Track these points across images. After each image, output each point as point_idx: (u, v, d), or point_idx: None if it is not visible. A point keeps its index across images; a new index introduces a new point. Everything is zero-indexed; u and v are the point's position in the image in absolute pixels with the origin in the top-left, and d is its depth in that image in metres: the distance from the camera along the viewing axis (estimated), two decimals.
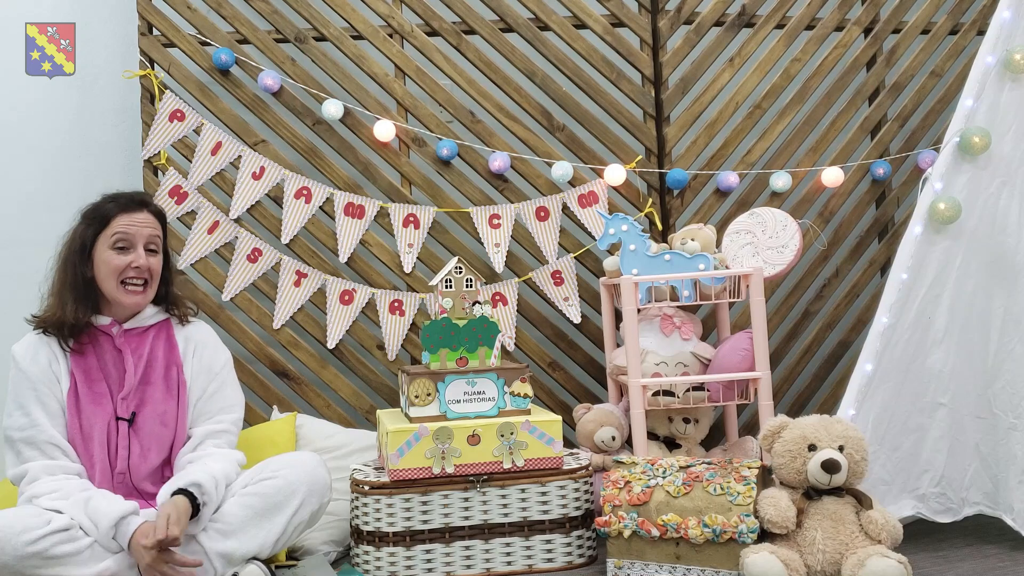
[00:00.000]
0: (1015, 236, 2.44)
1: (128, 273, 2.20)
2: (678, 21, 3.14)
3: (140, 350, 2.25)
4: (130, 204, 2.24)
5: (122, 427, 2.18)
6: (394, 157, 3.04)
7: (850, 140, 3.17)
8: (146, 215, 2.25)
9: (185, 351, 2.30)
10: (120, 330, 2.25)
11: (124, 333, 2.25)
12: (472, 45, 3.07)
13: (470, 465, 2.34)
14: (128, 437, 2.17)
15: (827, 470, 2.11)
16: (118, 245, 2.20)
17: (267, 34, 3.01)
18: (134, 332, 2.27)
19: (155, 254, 2.25)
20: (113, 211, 2.22)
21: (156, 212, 2.29)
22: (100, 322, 2.24)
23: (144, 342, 2.26)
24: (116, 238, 2.20)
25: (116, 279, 2.19)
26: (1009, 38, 2.46)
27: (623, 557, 2.22)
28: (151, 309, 2.30)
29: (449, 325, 2.42)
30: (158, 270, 2.27)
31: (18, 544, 1.94)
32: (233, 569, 2.10)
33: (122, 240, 2.20)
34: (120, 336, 2.24)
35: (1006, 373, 2.42)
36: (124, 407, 2.19)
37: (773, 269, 2.76)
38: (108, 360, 2.23)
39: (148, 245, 2.23)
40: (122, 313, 2.26)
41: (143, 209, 2.25)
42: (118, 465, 2.16)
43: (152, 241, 2.24)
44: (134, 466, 2.17)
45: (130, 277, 2.20)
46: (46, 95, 3.13)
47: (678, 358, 2.72)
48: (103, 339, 2.24)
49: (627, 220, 2.74)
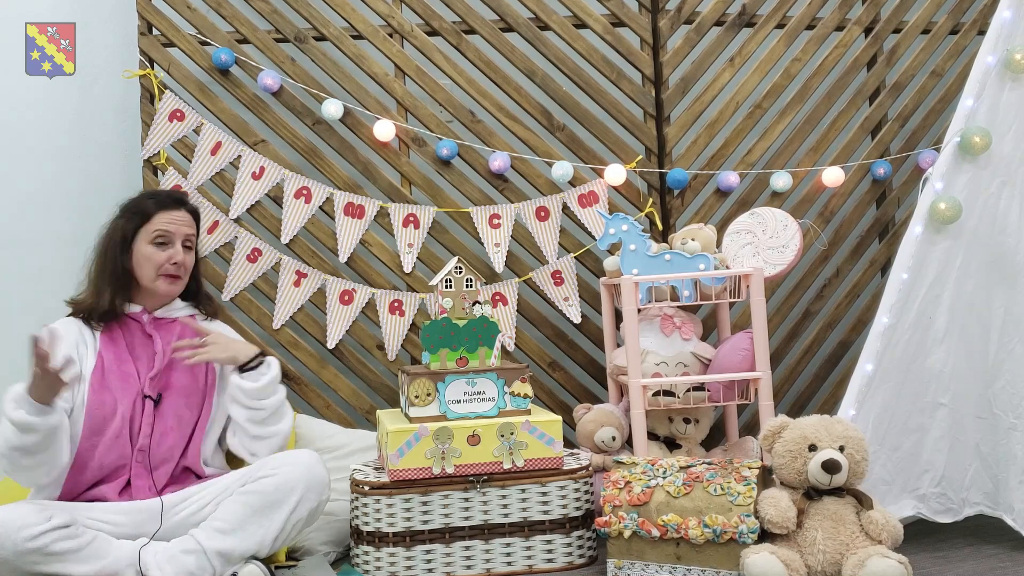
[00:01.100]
0: (1015, 236, 2.44)
1: (167, 268, 2.34)
2: (678, 21, 3.14)
3: (168, 337, 2.35)
4: (170, 202, 2.40)
5: (148, 406, 2.26)
6: (394, 157, 3.03)
7: (850, 140, 3.17)
8: (184, 213, 2.41)
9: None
10: (150, 317, 2.37)
11: (154, 320, 2.37)
12: (472, 45, 3.06)
13: (470, 465, 2.34)
14: (152, 415, 2.26)
15: (827, 470, 2.11)
16: (158, 240, 2.35)
17: (267, 34, 3.01)
18: (163, 321, 2.39)
19: (189, 251, 2.41)
20: (154, 208, 2.37)
21: (192, 211, 2.45)
22: (131, 310, 2.37)
23: (172, 331, 2.38)
24: (156, 234, 2.35)
25: (155, 272, 2.34)
26: (1009, 38, 2.46)
27: (623, 557, 2.22)
28: (180, 302, 2.44)
29: (449, 325, 2.42)
30: (191, 266, 2.42)
31: (18, 540, 1.95)
32: (232, 568, 2.10)
33: (162, 236, 2.35)
34: (150, 323, 2.37)
35: (1006, 373, 2.42)
36: (152, 387, 2.28)
37: (773, 269, 2.75)
38: (137, 344, 2.34)
39: (185, 242, 2.39)
40: (153, 303, 2.39)
41: (182, 208, 2.41)
42: (139, 442, 2.22)
43: (188, 239, 2.40)
44: (155, 444, 2.24)
45: (168, 271, 2.34)
46: (46, 95, 3.13)
47: (678, 358, 2.72)
48: (133, 325, 2.36)
49: (627, 220, 2.74)
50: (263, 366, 2.31)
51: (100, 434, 2.21)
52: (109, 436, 2.21)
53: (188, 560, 2.08)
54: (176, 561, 2.08)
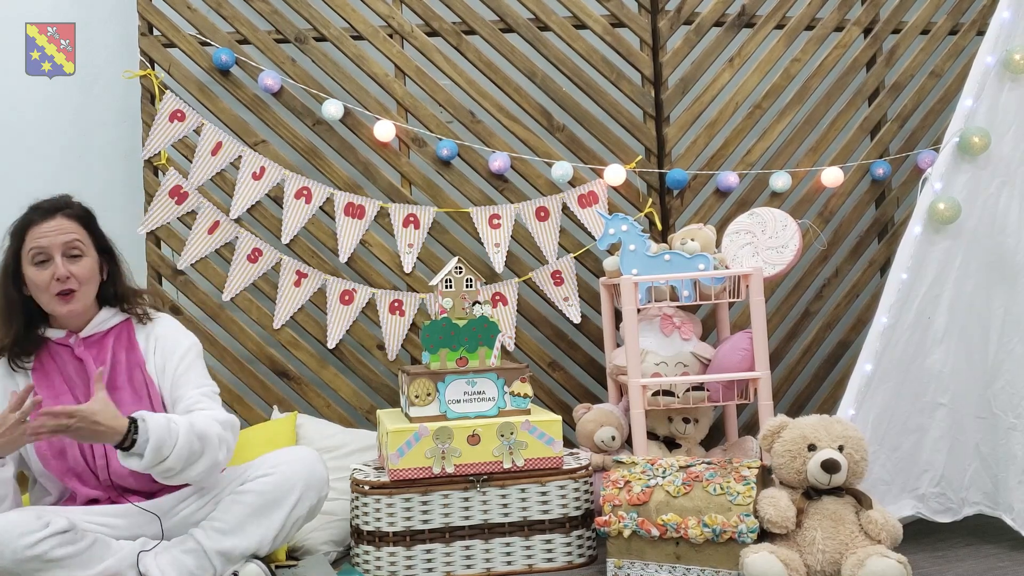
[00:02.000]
0: (1015, 236, 2.44)
1: (53, 287, 2.12)
2: (678, 21, 3.14)
3: (102, 356, 2.18)
4: (39, 215, 2.15)
5: None
6: (394, 157, 3.04)
7: (850, 140, 3.17)
8: (59, 220, 2.14)
9: (147, 349, 2.24)
10: (78, 339, 2.19)
11: (83, 342, 2.20)
12: (472, 45, 3.07)
13: (470, 465, 2.34)
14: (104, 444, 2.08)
15: (827, 470, 2.11)
16: (36, 260, 2.12)
17: (267, 34, 3.01)
18: (93, 339, 2.21)
19: (78, 259, 2.15)
20: (27, 224, 2.14)
21: (73, 215, 2.18)
22: (56, 336, 2.19)
23: (105, 348, 2.20)
24: (32, 253, 2.12)
25: (46, 293, 2.13)
26: (1009, 38, 2.46)
27: (623, 557, 2.22)
28: (106, 312, 2.23)
29: (449, 325, 2.42)
30: (85, 274, 2.16)
31: (17, 548, 1.92)
32: (233, 568, 2.10)
33: (39, 254, 2.12)
34: (79, 345, 2.19)
35: (1006, 373, 2.42)
36: None
37: (773, 269, 2.76)
38: (71, 371, 2.18)
39: (67, 252, 2.13)
40: (73, 323, 2.19)
41: (55, 215, 2.14)
42: (99, 472, 2.13)
43: (72, 246, 2.14)
44: (114, 470, 2.12)
45: (55, 290, 2.12)
46: (46, 95, 3.13)
47: (678, 358, 2.72)
48: (63, 351, 2.19)
49: (627, 220, 2.74)
50: (139, 438, 1.97)
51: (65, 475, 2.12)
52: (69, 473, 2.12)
53: (188, 560, 2.08)
54: (176, 561, 2.07)
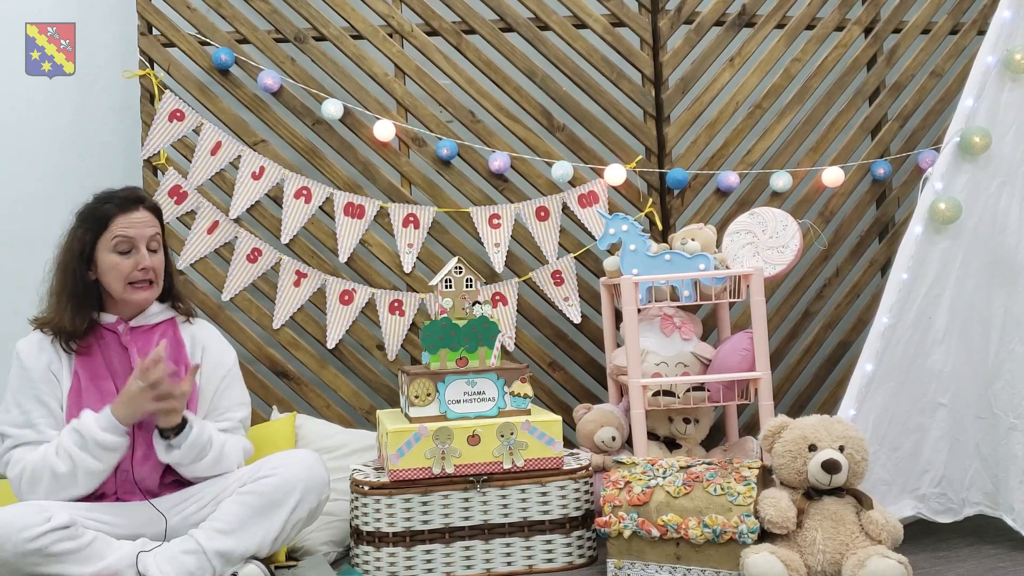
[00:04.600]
0: (1015, 236, 2.44)
1: (135, 275, 2.19)
2: (678, 21, 3.14)
3: (147, 348, 2.23)
4: (127, 204, 2.21)
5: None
6: (394, 157, 3.03)
7: (850, 140, 3.17)
8: (143, 213, 2.23)
9: (193, 351, 2.31)
10: (126, 328, 2.25)
11: (130, 331, 2.25)
12: (472, 45, 3.06)
13: (470, 465, 2.34)
14: (133, 434, 2.15)
15: (827, 470, 2.11)
16: (120, 248, 2.19)
17: (267, 34, 3.01)
18: (140, 330, 2.27)
19: (156, 253, 2.24)
20: (111, 213, 2.20)
21: (152, 208, 2.27)
22: (106, 320, 2.24)
23: (151, 340, 2.26)
24: (117, 241, 2.19)
25: (124, 281, 2.19)
26: (1009, 38, 2.46)
27: (623, 557, 2.22)
28: (156, 306, 2.29)
29: (449, 325, 2.42)
30: (162, 268, 2.26)
31: (18, 541, 1.94)
32: (232, 568, 2.10)
33: (124, 243, 2.19)
34: (126, 334, 2.24)
35: (1006, 373, 2.42)
36: None
37: (773, 269, 2.75)
38: (114, 358, 2.23)
39: (150, 244, 2.23)
40: (128, 311, 2.25)
41: (139, 207, 2.23)
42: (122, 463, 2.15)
43: (153, 240, 2.24)
44: (137, 462, 2.17)
45: (136, 279, 2.20)
46: (46, 95, 3.13)
47: (678, 358, 2.72)
48: (109, 337, 2.24)
49: (627, 220, 2.74)
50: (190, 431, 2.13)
51: None
52: None
53: (188, 560, 2.07)
54: (176, 561, 2.07)
